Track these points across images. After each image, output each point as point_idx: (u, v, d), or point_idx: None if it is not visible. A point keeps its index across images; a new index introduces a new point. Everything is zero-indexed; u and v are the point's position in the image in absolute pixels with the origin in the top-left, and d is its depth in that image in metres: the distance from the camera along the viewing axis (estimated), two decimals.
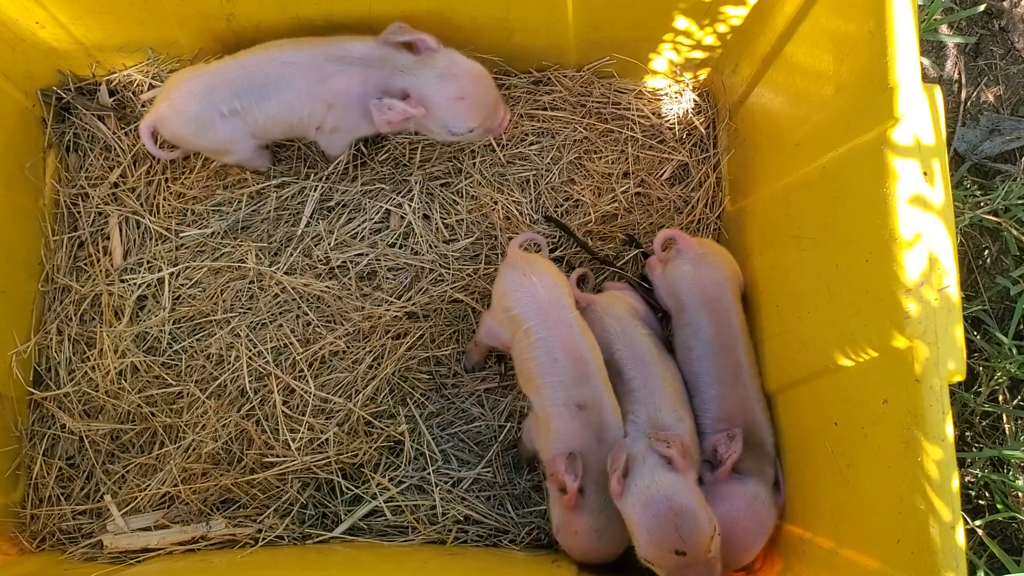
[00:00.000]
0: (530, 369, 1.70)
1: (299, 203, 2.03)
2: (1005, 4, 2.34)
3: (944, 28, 2.31)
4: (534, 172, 2.07)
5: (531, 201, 2.05)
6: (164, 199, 2.03)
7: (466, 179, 2.06)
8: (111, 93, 2.08)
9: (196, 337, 1.97)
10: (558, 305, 1.71)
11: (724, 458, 1.64)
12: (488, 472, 1.93)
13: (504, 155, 2.07)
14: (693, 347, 1.79)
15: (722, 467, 1.64)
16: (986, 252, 2.23)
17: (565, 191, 2.06)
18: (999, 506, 1.99)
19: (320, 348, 1.95)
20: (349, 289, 1.98)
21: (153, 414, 1.92)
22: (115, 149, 2.06)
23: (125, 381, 1.94)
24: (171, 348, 1.97)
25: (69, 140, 2.08)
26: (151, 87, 2.07)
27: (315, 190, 2.02)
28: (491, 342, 1.85)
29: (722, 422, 1.72)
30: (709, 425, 1.74)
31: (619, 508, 1.52)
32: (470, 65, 1.82)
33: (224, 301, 1.97)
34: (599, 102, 2.11)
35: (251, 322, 1.96)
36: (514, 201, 2.05)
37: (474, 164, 2.05)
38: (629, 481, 1.51)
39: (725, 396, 1.74)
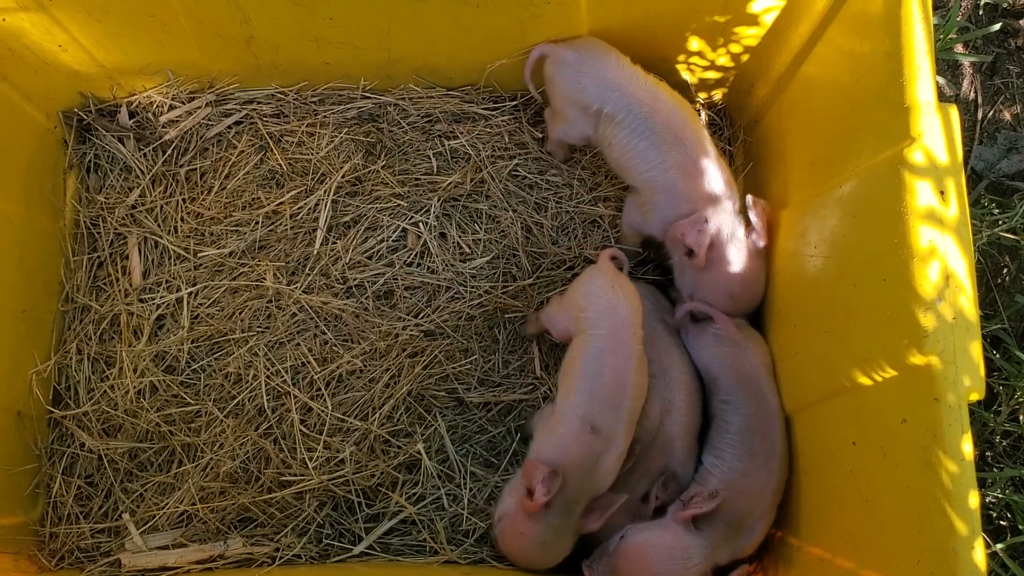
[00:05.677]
0: (574, 368, 1.71)
1: (314, 219, 2.04)
2: (1022, 23, 2.34)
3: (960, 47, 2.31)
4: (555, 192, 2.08)
5: (551, 220, 2.06)
6: (182, 219, 2.05)
7: (486, 199, 2.07)
8: (131, 115, 2.11)
9: (214, 356, 1.98)
10: (630, 332, 1.71)
11: (690, 507, 1.65)
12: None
13: (526, 178, 2.08)
14: (731, 422, 1.78)
15: (684, 511, 1.65)
16: (1004, 270, 2.22)
17: (585, 212, 2.06)
18: (1021, 527, 1.97)
19: (337, 367, 1.96)
20: (366, 308, 1.99)
21: (171, 433, 1.93)
22: (135, 170, 2.08)
23: (144, 400, 1.95)
24: (189, 367, 1.98)
25: (89, 161, 2.10)
26: (171, 108, 2.09)
27: (326, 205, 2.04)
28: (550, 327, 1.87)
29: (728, 490, 1.70)
30: (716, 486, 1.72)
31: None
32: (759, 283, 1.85)
33: (242, 320, 1.99)
34: None
35: (269, 341, 1.97)
36: (535, 222, 2.05)
37: (495, 184, 2.06)
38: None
39: (748, 472, 1.71)
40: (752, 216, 1.82)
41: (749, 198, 1.84)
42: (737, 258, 1.81)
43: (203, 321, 2.00)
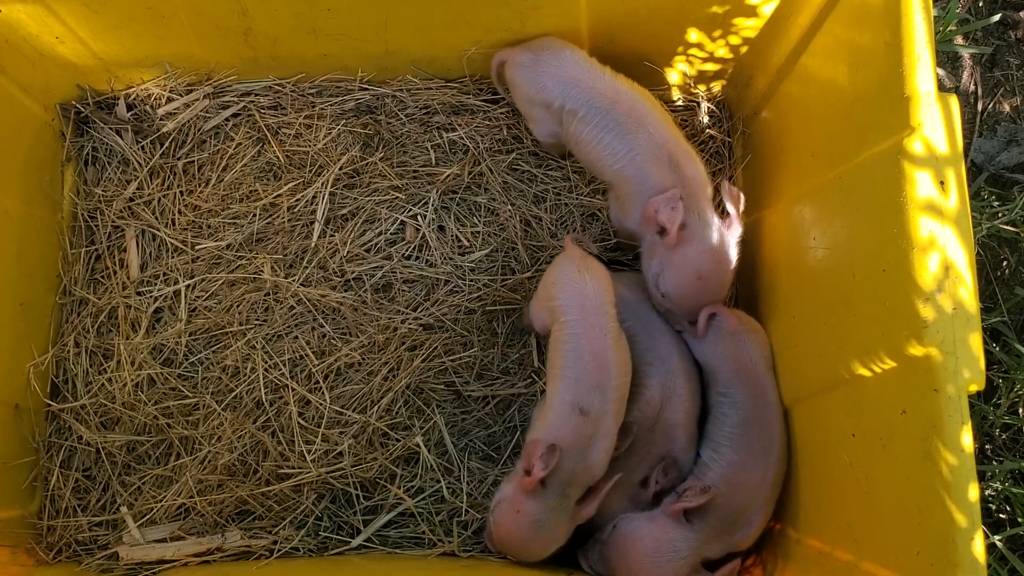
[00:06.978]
0: (555, 359, 1.71)
1: (312, 212, 2.03)
2: (1021, 14, 2.33)
3: (959, 39, 2.31)
4: (553, 185, 2.07)
5: (549, 213, 2.05)
6: (180, 212, 2.05)
7: (484, 192, 2.06)
8: (129, 107, 2.10)
9: (212, 349, 1.98)
10: (600, 311, 1.70)
11: (681, 500, 1.65)
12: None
13: (524, 171, 2.08)
14: (729, 415, 1.76)
15: (675, 504, 1.65)
16: (1004, 263, 2.21)
17: (584, 205, 2.06)
18: (1020, 519, 1.97)
19: (336, 360, 1.95)
20: (365, 301, 1.99)
21: (169, 426, 1.93)
22: (132, 163, 2.07)
23: (141, 393, 1.95)
24: (187, 360, 1.98)
25: (87, 154, 2.09)
26: (168, 100, 2.08)
27: (324, 197, 2.03)
28: (533, 323, 1.87)
29: (725, 484, 1.70)
30: (714, 480, 1.71)
31: None
32: (729, 267, 1.80)
33: (240, 313, 1.98)
34: None
35: (267, 334, 1.97)
36: (533, 215, 2.05)
37: (493, 177, 2.06)
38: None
39: (746, 466, 1.71)
40: (728, 205, 1.80)
41: (724, 185, 1.83)
42: (708, 238, 1.77)
43: (201, 314, 1.99)
